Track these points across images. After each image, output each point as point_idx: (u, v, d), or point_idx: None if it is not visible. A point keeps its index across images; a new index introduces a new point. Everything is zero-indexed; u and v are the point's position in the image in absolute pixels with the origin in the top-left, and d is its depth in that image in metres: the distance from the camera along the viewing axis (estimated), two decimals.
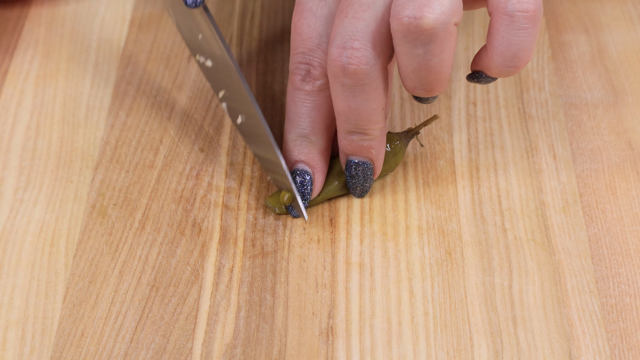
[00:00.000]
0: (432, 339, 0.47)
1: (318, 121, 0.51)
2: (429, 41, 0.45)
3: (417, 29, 0.45)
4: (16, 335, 0.47)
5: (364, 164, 0.51)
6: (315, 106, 0.51)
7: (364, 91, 0.48)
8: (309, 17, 0.50)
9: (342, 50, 0.47)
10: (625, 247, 0.50)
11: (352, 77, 0.47)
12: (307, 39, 0.50)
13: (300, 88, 0.51)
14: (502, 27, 0.46)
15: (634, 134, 0.56)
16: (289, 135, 0.51)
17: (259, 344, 0.47)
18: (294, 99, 0.51)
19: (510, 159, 0.55)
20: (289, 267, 0.50)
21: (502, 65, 0.47)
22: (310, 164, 0.51)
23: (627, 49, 0.61)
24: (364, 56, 0.47)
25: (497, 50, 0.47)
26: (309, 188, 0.51)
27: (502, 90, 0.58)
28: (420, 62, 0.46)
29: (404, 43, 0.46)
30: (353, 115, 0.49)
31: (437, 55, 0.46)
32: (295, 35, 0.51)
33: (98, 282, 0.49)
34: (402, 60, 0.47)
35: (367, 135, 0.50)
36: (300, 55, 0.50)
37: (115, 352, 0.46)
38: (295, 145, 0.51)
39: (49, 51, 0.61)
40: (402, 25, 0.45)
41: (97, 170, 0.54)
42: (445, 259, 0.50)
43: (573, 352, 0.46)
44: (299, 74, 0.50)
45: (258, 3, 0.64)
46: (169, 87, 0.59)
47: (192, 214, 0.52)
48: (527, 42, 0.46)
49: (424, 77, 0.47)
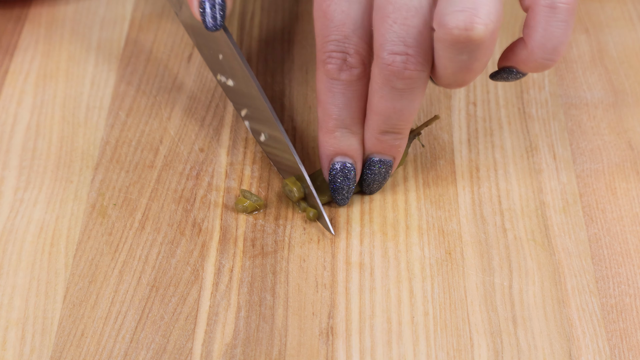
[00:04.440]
0: (432, 339, 0.47)
1: (357, 111, 0.50)
2: (476, 49, 0.45)
3: (466, 40, 0.44)
4: (16, 335, 0.47)
5: (387, 162, 0.51)
6: (355, 96, 0.49)
7: (412, 93, 0.47)
8: (341, 1, 0.48)
9: (397, 57, 0.46)
10: (625, 247, 0.50)
11: (406, 82, 0.47)
12: (340, 25, 0.48)
13: (337, 78, 0.49)
14: (543, 19, 0.46)
15: (634, 134, 0.56)
16: (327, 125, 0.50)
17: (259, 344, 0.47)
18: (330, 89, 0.49)
19: (510, 159, 0.55)
20: (289, 267, 0.50)
21: (542, 58, 0.47)
22: (353, 156, 0.51)
23: (627, 49, 0.61)
24: (419, 62, 0.46)
25: (538, 42, 0.47)
26: (353, 182, 0.51)
27: (502, 90, 0.58)
28: (462, 66, 0.46)
29: (449, 50, 0.45)
30: (395, 116, 0.48)
31: (479, 59, 0.46)
32: (326, 21, 0.49)
33: (98, 282, 0.49)
34: (442, 63, 0.46)
35: (400, 134, 0.50)
36: (334, 43, 0.49)
37: (115, 352, 0.46)
38: (335, 138, 0.50)
39: (49, 51, 0.61)
40: (450, 36, 0.44)
41: (97, 170, 0.54)
42: (445, 259, 0.50)
43: (573, 352, 0.46)
44: (334, 63, 0.49)
45: (258, 3, 0.64)
46: (169, 87, 0.59)
47: (192, 214, 0.52)
48: (567, 35, 0.46)
49: (461, 77, 0.47)
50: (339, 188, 0.51)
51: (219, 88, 0.58)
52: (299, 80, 0.59)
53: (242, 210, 0.52)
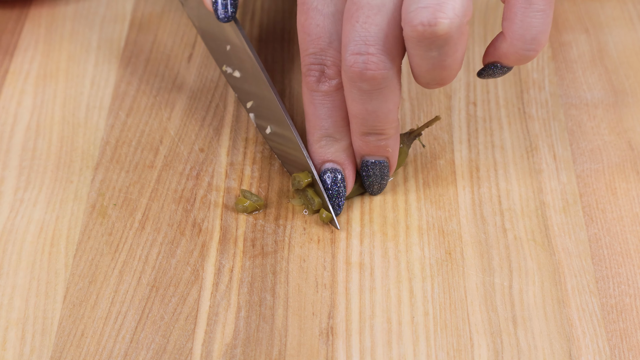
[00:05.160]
0: (432, 339, 0.47)
1: (339, 119, 0.50)
2: (444, 44, 0.45)
3: (431, 35, 0.45)
4: (16, 335, 0.47)
5: (381, 163, 0.51)
6: (334, 105, 0.50)
7: (382, 94, 0.48)
8: (316, 16, 0.49)
9: (358, 57, 0.46)
10: (625, 247, 0.50)
11: (370, 82, 0.47)
12: (317, 39, 0.49)
13: (317, 89, 0.50)
14: (520, 10, 0.46)
15: (634, 134, 0.56)
16: (313, 137, 0.51)
17: (259, 344, 0.47)
18: (312, 101, 0.50)
19: (510, 159, 0.55)
20: (289, 267, 0.50)
21: (522, 49, 0.47)
22: (339, 162, 0.51)
23: (627, 49, 0.61)
24: (381, 61, 0.47)
25: (517, 34, 0.47)
26: (343, 186, 0.51)
27: (502, 90, 0.58)
28: (434, 63, 0.46)
29: (417, 47, 0.46)
30: (370, 117, 0.49)
31: (450, 55, 0.46)
32: (304, 35, 0.50)
33: (98, 282, 0.49)
34: (415, 61, 0.47)
35: (383, 135, 0.50)
36: (312, 57, 0.50)
37: (115, 352, 0.46)
38: (320, 147, 0.51)
39: (49, 51, 0.61)
40: (416, 32, 0.45)
41: (97, 170, 0.54)
42: (445, 259, 0.50)
43: (573, 352, 0.46)
44: (313, 75, 0.50)
45: (258, 3, 0.64)
46: (169, 87, 0.59)
47: (192, 214, 0.52)
48: (545, 24, 0.47)
49: (437, 75, 0.47)
50: (333, 194, 0.51)
51: (219, 88, 0.58)
52: (299, 81, 0.59)
53: (242, 210, 0.52)
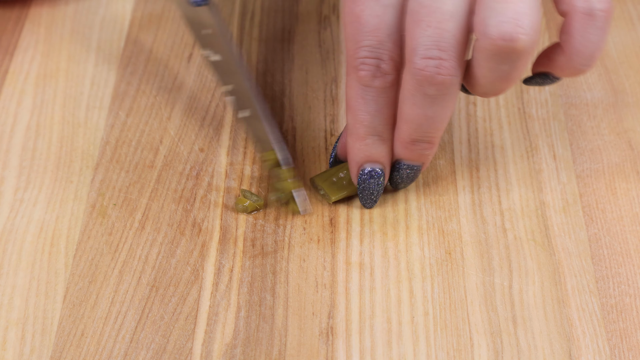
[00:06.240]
0: (432, 339, 0.47)
1: (389, 117, 0.49)
2: (518, 59, 0.45)
3: (510, 50, 0.44)
4: (16, 335, 0.47)
5: (417, 167, 0.50)
6: (386, 103, 0.48)
7: (444, 100, 0.47)
8: (374, 6, 0.47)
9: (430, 61, 0.45)
10: (625, 247, 0.50)
11: (438, 87, 0.46)
12: (374, 30, 0.47)
13: (370, 84, 0.48)
14: (581, 26, 0.46)
15: (634, 134, 0.56)
16: (358, 133, 0.49)
17: (259, 344, 0.47)
18: (363, 96, 0.48)
19: (510, 159, 0.55)
20: (289, 267, 0.50)
21: (580, 64, 0.47)
22: (383, 163, 0.50)
23: (627, 49, 0.61)
24: (452, 67, 0.46)
25: (576, 49, 0.46)
26: (382, 185, 0.50)
27: None
28: (501, 75, 0.46)
29: (490, 59, 0.45)
30: (427, 123, 0.48)
31: (520, 69, 0.45)
32: (359, 26, 0.47)
33: (98, 282, 0.49)
34: (481, 72, 0.46)
35: (431, 144, 0.49)
36: (367, 49, 0.47)
37: (115, 352, 0.46)
38: (366, 144, 0.49)
39: (49, 51, 0.61)
40: (494, 46, 0.44)
41: (97, 170, 0.54)
42: (445, 259, 0.50)
43: (573, 352, 0.46)
44: (367, 69, 0.47)
45: (258, 3, 0.64)
46: (169, 87, 0.59)
47: (192, 214, 0.52)
48: (603, 41, 0.47)
49: (500, 86, 0.46)
50: (368, 192, 0.50)
51: (219, 88, 0.58)
52: (299, 80, 0.59)
53: (242, 210, 0.52)
